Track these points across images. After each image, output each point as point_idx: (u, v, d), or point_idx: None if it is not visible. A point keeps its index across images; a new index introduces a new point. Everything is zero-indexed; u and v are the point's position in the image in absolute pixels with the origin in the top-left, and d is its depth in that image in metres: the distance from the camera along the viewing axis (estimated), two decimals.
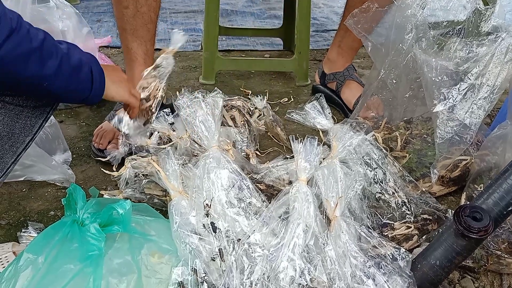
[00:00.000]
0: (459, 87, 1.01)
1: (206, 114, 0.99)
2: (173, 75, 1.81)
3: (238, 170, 0.96)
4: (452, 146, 1.06)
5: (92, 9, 2.45)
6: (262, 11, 2.56)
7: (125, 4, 1.25)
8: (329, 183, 0.95)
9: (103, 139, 1.27)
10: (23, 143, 0.80)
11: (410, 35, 1.05)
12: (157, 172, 0.96)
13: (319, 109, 1.32)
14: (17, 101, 0.77)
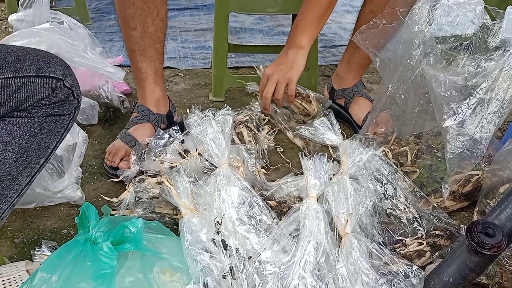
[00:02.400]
0: (469, 102, 1.01)
1: (217, 132, 1.00)
2: (183, 92, 1.84)
3: (248, 187, 0.97)
4: (463, 161, 1.05)
5: (105, 29, 2.50)
6: (271, 28, 2.58)
7: (133, 26, 1.28)
8: (339, 199, 0.95)
9: (115, 157, 1.29)
10: (38, 164, 0.82)
11: (418, 50, 1.06)
12: (168, 190, 0.97)
13: (328, 125, 1.33)
14: (32, 123, 0.79)
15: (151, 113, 1.37)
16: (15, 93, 0.76)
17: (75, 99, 0.83)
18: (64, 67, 0.81)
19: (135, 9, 1.26)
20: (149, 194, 1.07)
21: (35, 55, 0.78)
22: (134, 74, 1.39)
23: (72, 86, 0.82)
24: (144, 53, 1.32)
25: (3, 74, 0.75)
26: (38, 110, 0.79)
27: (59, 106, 0.81)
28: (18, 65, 0.76)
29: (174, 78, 1.97)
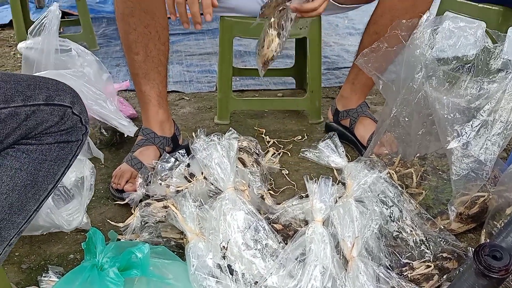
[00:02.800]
0: (472, 124, 1.02)
1: (222, 156, 1.01)
2: (189, 116, 1.86)
3: (254, 212, 0.97)
4: (469, 183, 1.05)
5: (111, 54, 2.55)
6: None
7: (136, 51, 1.31)
8: (345, 222, 0.95)
9: (121, 179, 1.30)
10: (46, 190, 0.83)
11: (420, 73, 1.07)
12: (174, 214, 0.97)
13: (333, 148, 1.34)
14: (41, 150, 0.80)
15: (155, 136, 1.39)
16: (25, 121, 0.78)
17: (83, 125, 0.84)
18: (72, 94, 0.82)
19: (137, 35, 1.29)
20: (155, 218, 1.08)
21: (44, 83, 0.80)
22: (138, 98, 1.42)
23: (81, 113, 0.83)
24: (147, 76, 1.35)
25: (13, 103, 0.76)
26: (47, 137, 0.80)
27: (67, 133, 0.82)
28: (27, 93, 0.78)
29: (179, 102, 1.99)
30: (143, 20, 1.28)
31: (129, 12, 1.27)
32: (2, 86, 0.77)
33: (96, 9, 3.33)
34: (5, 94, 0.76)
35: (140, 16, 1.27)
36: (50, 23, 1.30)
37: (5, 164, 0.78)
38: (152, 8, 1.27)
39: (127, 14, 1.27)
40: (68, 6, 3.25)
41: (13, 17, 2.54)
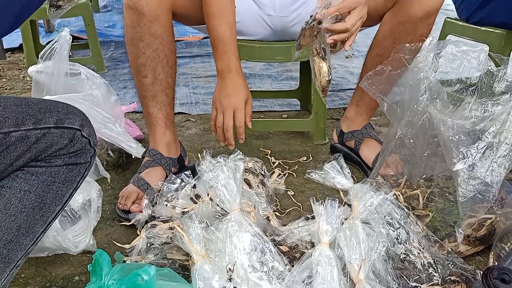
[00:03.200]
0: (478, 146, 1.02)
1: (228, 178, 1.02)
2: (195, 137, 1.87)
3: (260, 233, 0.97)
4: (476, 205, 1.05)
5: (119, 77, 2.59)
6: (279, 73, 2.65)
7: (144, 74, 1.34)
8: (351, 244, 0.94)
9: (127, 200, 1.31)
10: (54, 212, 0.84)
11: (425, 96, 1.08)
12: (180, 236, 0.97)
13: (338, 169, 1.34)
14: (50, 172, 0.81)
15: (162, 157, 1.40)
16: (35, 144, 0.79)
17: (91, 148, 0.85)
18: (82, 117, 0.84)
19: (146, 58, 1.32)
20: (160, 240, 1.08)
21: (54, 107, 0.82)
22: (146, 119, 1.44)
23: (89, 135, 0.84)
24: (155, 98, 1.37)
25: (24, 126, 0.78)
26: (56, 160, 0.82)
27: (76, 155, 0.83)
28: (38, 117, 0.79)
29: (186, 123, 2.01)
30: (152, 44, 1.30)
31: (139, 37, 1.30)
32: (13, 109, 0.78)
33: (105, 33, 3.40)
34: (17, 118, 0.78)
35: (149, 41, 1.30)
36: (60, 48, 1.33)
37: (14, 186, 0.79)
38: (161, 32, 1.30)
39: (137, 39, 1.30)
40: (77, 30, 3.32)
41: (23, 40, 2.60)
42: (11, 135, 0.77)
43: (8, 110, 0.78)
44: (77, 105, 0.86)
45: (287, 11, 1.51)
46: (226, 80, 1.30)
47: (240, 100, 1.27)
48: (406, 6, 1.33)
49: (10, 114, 0.78)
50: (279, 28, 1.56)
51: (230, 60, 1.29)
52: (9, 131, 0.77)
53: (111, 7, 4.41)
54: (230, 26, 1.27)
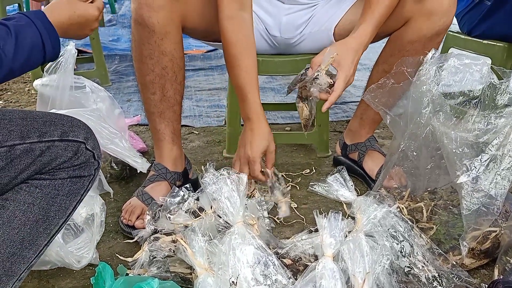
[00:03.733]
0: (481, 158, 1.02)
1: (231, 190, 1.02)
2: (198, 149, 1.88)
3: (263, 246, 0.97)
4: (480, 217, 1.04)
5: (123, 90, 2.61)
6: (282, 86, 2.66)
7: (152, 91, 1.34)
8: (355, 257, 0.94)
9: (132, 215, 1.30)
10: (57, 225, 0.84)
11: (427, 109, 1.09)
12: (183, 249, 0.97)
13: (342, 181, 1.33)
14: (54, 185, 0.81)
15: (167, 172, 1.40)
16: (39, 156, 0.79)
17: (95, 160, 0.86)
18: (86, 130, 0.84)
19: (154, 76, 1.31)
20: (163, 253, 1.07)
21: (59, 120, 0.82)
22: (152, 135, 1.43)
23: (93, 148, 0.85)
24: (162, 115, 1.37)
25: (28, 139, 0.78)
26: (60, 173, 0.82)
27: (80, 168, 0.84)
28: (43, 130, 0.80)
29: (189, 136, 2.02)
30: (162, 61, 1.29)
31: (148, 54, 1.29)
32: (18, 122, 0.79)
33: (109, 47, 3.43)
34: (21, 131, 0.78)
35: (159, 58, 1.29)
36: (66, 62, 1.35)
37: (18, 199, 0.79)
38: (171, 49, 1.29)
39: (146, 56, 1.29)
40: (82, 44, 3.35)
41: None
42: (16, 148, 0.77)
43: (13, 123, 0.79)
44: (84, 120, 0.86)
45: (291, 33, 1.51)
46: (246, 128, 1.32)
47: (257, 152, 1.28)
48: (417, 26, 1.33)
49: (15, 127, 0.78)
50: (282, 47, 1.58)
51: (250, 108, 1.29)
52: (14, 144, 0.77)
53: (115, 21, 4.46)
54: (249, 73, 1.28)
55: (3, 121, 0.79)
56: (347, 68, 1.23)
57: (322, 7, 1.49)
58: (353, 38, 1.27)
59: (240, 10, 1.27)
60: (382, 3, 1.27)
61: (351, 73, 1.24)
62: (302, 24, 1.50)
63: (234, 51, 1.28)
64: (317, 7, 1.49)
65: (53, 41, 0.81)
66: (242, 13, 1.27)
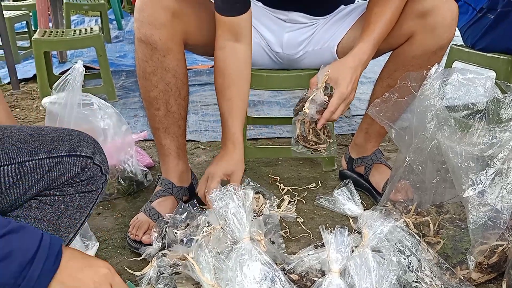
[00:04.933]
0: (487, 172, 1.02)
1: (238, 206, 1.03)
2: (204, 164, 1.89)
3: (270, 262, 0.97)
4: (487, 231, 1.04)
5: (130, 105, 2.63)
6: (287, 100, 2.68)
7: (157, 107, 1.35)
8: (362, 273, 0.94)
9: (139, 231, 1.31)
10: (67, 239, 0.85)
11: (432, 123, 1.09)
12: (191, 265, 0.98)
13: (348, 195, 1.34)
14: (63, 200, 0.82)
15: (174, 187, 1.41)
16: (48, 172, 0.80)
17: (103, 175, 0.86)
18: (94, 145, 0.85)
19: (158, 92, 1.33)
20: (171, 269, 1.08)
21: (67, 135, 0.83)
22: (158, 150, 1.45)
23: (101, 162, 0.85)
24: (167, 130, 1.38)
25: (37, 156, 0.79)
26: (68, 188, 0.83)
27: (88, 182, 0.84)
28: (51, 146, 0.81)
29: (195, 151, 2.03)
30: (165, 77, 1.31)
31: (151, 71, 1.31)
32: (27, 139, 0.80)
33: (116, 63, 3.47)
34: (30, 147, 0.79)
35: (162, 74, 1.31)
36: (74, 80, 1.37)
37: (29, 216, 0.81)
38: (173, 66, 1.31)
39: (149, 72, 1.31)
40: (89, 61, 3.40)
41: (37, 71, 2.66)
42: (25, 165, 0.78)
43: (21, 140, 0.80)
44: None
45: (294, 49, 1.54)
46: (220, 153, 1.34)
47: (217, 171, 1.27)
48: (421, 41, 1.34)
49: (24, 144, 0.79)
50: (286, 62, 1.60)
51: (226, 137, 1.32)
52: (23, 161, 0.78)
53: (122, 38, 4.53)
54: (232, 102, 1.31)
55: (11, 138, 0.80)
56: (344, 86, 1.25)
57: (322, 26, 1.51)
58: (351, 56, 1.29)
59: (233, 41, 1.28)
60: (381, 21, 1.29)
61: (348, 91, 1.26)
62: (303, 41, 1.52)
63: (220, 79, 1.31)
64: (318, 26, 1.51)
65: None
66: (236, 44, 1.29)
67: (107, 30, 4.39)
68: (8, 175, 0.77)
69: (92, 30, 2.83)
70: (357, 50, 1.29)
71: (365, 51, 1.29)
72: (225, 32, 1.28)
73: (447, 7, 1.31)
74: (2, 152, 0.77)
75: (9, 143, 0.79)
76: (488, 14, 1.84)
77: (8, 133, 0.81)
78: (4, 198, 0.78)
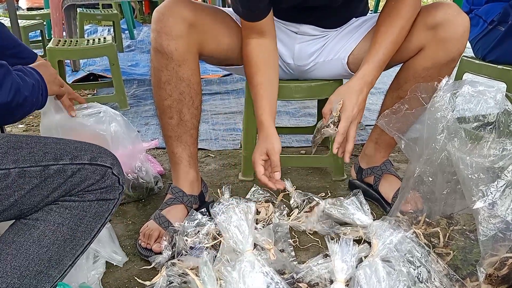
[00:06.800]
0: (497, 184, 1.02)
1: (240, 219, 1.04)
2: (214, 172, 1.90)
3: (273, 273, 0.97)
4: (497, 243, 1.04)
5: (141, 114, 2.66)
6: (297, 109, 2.69)
7: (170, 115, 1.37)
8: (371, 283, 0.94)
9: (150, 239, 1.32)
10: (82, 246, 0.87)
11: (442, 135, 1.10)
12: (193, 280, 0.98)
13: (358, 205, 1.34)
14: (82, 206, 0.86)
15: (184, 195, 1.42)
16: (70, 177, 0.85)
17: (120, 185, 0.90)
18: (113, 157, 0.90)
19: (172, 101, 1.35)
20: (180, 278, 1.09)
21: (89, 146, 0.89)
22: (170, 158, 1.46)
23: (119, 174, 0.89)
24: (179, 139, 1.40)
25: (62, 161, 0.85)
26: (88, 195, 0.87)
27: (106, 191, 0.88)
28: (75, 153, 0.86)
29: (205, 159, 2.05)
30: (179, 87, 1.34)
31: (166, 80, 1.34)
32: (53, 146, 0.86)
33: (128, 72, 3.52)
34: (55, 153, 0.85)
35: (176, 83, 1.33)
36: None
37: (48, 219, 0.84)
38: (188, 75, 1.34)
39: (164, 82, 1.34)
40: (102, 69, 3.45)
41: None
42: (50, 168, 0.83)
43: (48, 147, 0.85)
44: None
45: (305, 60, 1.55)
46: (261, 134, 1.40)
47: (255, 153, 1.35)
48: (432, 54, 1.35)
49: (50, 149, 0.85)
50: (297, 73, 1.61)
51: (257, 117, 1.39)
52: (48, 164, 0.84)
53: (134, 47, 4.59)
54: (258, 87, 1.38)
55: (38, 144, 0.86)
56: (349, 110, 1.30)
57: (334, 38, 1.52)
58: (356, 79, 1.33)
59: (257, 38, 1.37)
60: (387, 41, 1.32)
61: (354, 113, 1.31)
62: (314, 52, 1.54)
63: (248, 69, 1.40)
64: (329, 37, 1.53)
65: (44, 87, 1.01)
66: (260, 39, 1.37)
67: (119, 40, 4.45)
68: (33, 176, 0.82)
69: (105, 39, 2.88)
70: (363, 71, 1.33)
71: (370, 73, 1.33)
72: (249, 32, 1.37)
73: (458, 20, 1.32)
74: (29, 155, 0.83)
75: (36, 148, 0.84)
76: (499, 27, 1.84)
77: (36, 139, 0.87)
78: (28, 198, 0.83)
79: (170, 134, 1.40)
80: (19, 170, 0.81)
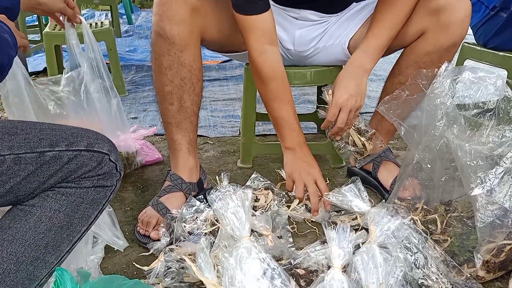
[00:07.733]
0: (495, 171, 1.02)
1: (237, 206, 1.04)
2: (213, 159, 1.90)
3: (270, 259, 0.98)
4: (494, 230, 1.04)
5: (139, 100, 2.65)
6: (296, 97, 2.67)
7: (170, 102, 1.36)
8: (368, 269, 0.95)
9: (148, 226, 1.32)
10: (79, 232, 0.87)
11: (442, 121, 1.09)
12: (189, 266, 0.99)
13: (356, 192, 1.34)
14: (79, 193, 0.85)
15: (183, 182, 1.41)
16: (67, 164, 0.84)
17: (117, 172, 0.90)
18: (110, 144, 0.89)
19: (173, 87, 1.34)
20: (178, 264, 1.09)
21: (86, 133, 0.88)
22: (169, 144, 1.46)
23: (116, 160, 0.89)
24: (179, 125, 1.39)
25: (57, 147, 0.84)
26: (85, 181, 0.86)
27: (103, 178, 0.88)
28: (71, 140, 0.85)
29: (204, 146, 2.04)
30: (180, 72, 1.32)
31: (168, 65, 1.32)
32: (48, 132, 0.85)
33: (126, 57, 3.50)
34: (51, 140, 0.84)
35: (178, 69, 1.32)
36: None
37: (45, 205, 0.84)
38: (190, 61, 1.32)
39: (166, 67, 1.32)
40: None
41: (48, 65, 2.69)
42: (46, 155, 0.82)
43: (43, 133, 0.84)
44: None
45: (305, 46, 1.54)
46: (299, 154, 1.37)
47: (319, 172, 1.35)
48: (434, 38, 1.34)
49: (46, 136, 0.84)
50: (296, 59, 1.60)
51: (300, 137, 1.38)
52: (44, 151, 0.83)
53: (132, 32, 4.55)
54: (291, 105, 1.37)
55: (34, 129, 0.84)
56: (338, 95, 1.33)
57: (334, 23, 1.51)
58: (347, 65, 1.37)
59: (269, 44, 1.31)
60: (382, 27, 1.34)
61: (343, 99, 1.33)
62: (315, 38, 1.52)
63: (274, 85, 1.33)
64: (330, 23, 1.51)
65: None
66: (272, 47, 1.31)
67: (117, 25, 4.41)
68: (29, 162, 0.81)
69: (103, 24, 2.85)
70: (352, 57, 1.36)
71: (360, 57, 1.34)
72: (260, 37, 1.29)
73: (460, 4, 1.30)
74: (24, 141, 0.82)
75: (31, 134, 0.83)
76: (501, 13, 1.82)
77: (31, 125, 0.85)
78: (24, 185, 0.82)
79: (170, 121, 1.39)
80: (14, 157, 0.80)
